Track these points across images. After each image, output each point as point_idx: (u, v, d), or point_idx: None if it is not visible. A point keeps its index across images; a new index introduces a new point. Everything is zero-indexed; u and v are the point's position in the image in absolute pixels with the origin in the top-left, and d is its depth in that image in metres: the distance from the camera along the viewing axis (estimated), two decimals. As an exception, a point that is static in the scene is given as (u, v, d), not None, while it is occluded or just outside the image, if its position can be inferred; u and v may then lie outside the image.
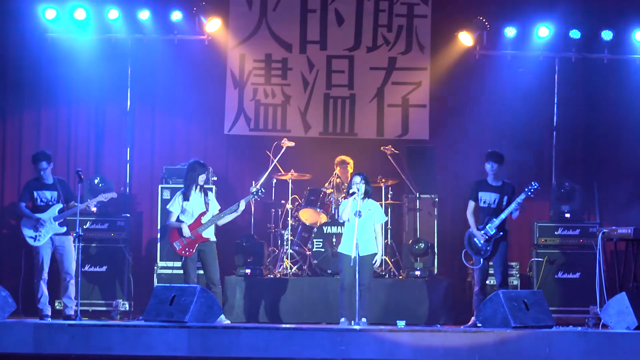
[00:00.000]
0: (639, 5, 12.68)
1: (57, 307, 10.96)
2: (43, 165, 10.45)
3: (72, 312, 10.28)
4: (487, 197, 10.23)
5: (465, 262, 10.37)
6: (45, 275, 10.42)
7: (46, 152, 10.66)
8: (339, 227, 11.16)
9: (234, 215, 10.39)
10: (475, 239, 10.18)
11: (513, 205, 10.03)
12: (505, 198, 10.17)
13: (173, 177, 11.84)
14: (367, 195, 9.86)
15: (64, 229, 10.48)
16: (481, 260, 10.17)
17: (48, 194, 10.49)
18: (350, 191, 9.81)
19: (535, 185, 10.08)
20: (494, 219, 10.10)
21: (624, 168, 12.78)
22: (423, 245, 11.55)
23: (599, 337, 8.26)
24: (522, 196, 10.05)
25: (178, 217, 10.29)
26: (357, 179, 9.81)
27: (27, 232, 10.37)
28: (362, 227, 9.66)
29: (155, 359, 8.05)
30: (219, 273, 10.29)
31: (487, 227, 10.09)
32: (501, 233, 10.14)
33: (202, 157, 10.86)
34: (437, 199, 12.12)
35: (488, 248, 10.12)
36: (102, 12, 12.43)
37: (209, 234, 10.27)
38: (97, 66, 12.62)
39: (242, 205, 10.29)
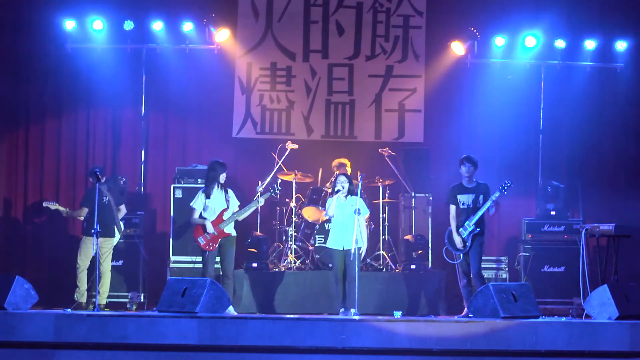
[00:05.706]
0: (619, 17, 12.71)
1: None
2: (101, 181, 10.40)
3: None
4: (465, 199, 10.17)
5: (447, 258, 10.32)
6: None
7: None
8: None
9: (253, 209, 10.36)
10: (454, 237, 10.15)
11: (489, 203, 9.99)
12: (481, 197, 10.10)
13: (185, 177, 11.81)
14: (350, 193, 9.94)
15: None
16: (461, 255, 10.15)
17: None
18: (336, 189, 9.97)
19: (508, 183, 10.00)
20: (472, 217, 10.06)
21: (605, 169, 12.78)
22: (422, 241, 11.55)
23: (582, 326, 8.23)
24: (497, 194, 9.97)
25: (200, 214, 10.26)
26: (342, 178, 10.01)
27: None
28: (349, 223, 9.77)
29: (167, 347, 8.03)
30: (233, 266, 10.27)
31: (465, 224, 10.06)
32: (478, 229, 10.07)
33: (210, 159, 10.82)
34: (431, 198, 12.09)
35: (467, 244, 10.09)
36: (118, 24, 12.42)
37: (230, 229, 10.25)
38: (114, 74, 12.62)
39: (262, 201, 10.36)
